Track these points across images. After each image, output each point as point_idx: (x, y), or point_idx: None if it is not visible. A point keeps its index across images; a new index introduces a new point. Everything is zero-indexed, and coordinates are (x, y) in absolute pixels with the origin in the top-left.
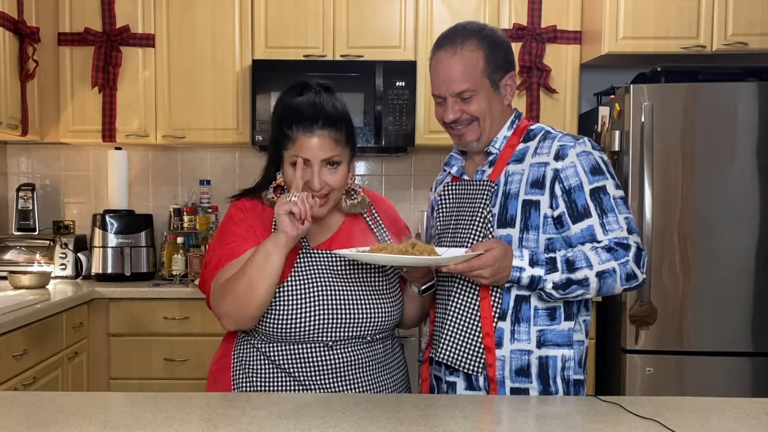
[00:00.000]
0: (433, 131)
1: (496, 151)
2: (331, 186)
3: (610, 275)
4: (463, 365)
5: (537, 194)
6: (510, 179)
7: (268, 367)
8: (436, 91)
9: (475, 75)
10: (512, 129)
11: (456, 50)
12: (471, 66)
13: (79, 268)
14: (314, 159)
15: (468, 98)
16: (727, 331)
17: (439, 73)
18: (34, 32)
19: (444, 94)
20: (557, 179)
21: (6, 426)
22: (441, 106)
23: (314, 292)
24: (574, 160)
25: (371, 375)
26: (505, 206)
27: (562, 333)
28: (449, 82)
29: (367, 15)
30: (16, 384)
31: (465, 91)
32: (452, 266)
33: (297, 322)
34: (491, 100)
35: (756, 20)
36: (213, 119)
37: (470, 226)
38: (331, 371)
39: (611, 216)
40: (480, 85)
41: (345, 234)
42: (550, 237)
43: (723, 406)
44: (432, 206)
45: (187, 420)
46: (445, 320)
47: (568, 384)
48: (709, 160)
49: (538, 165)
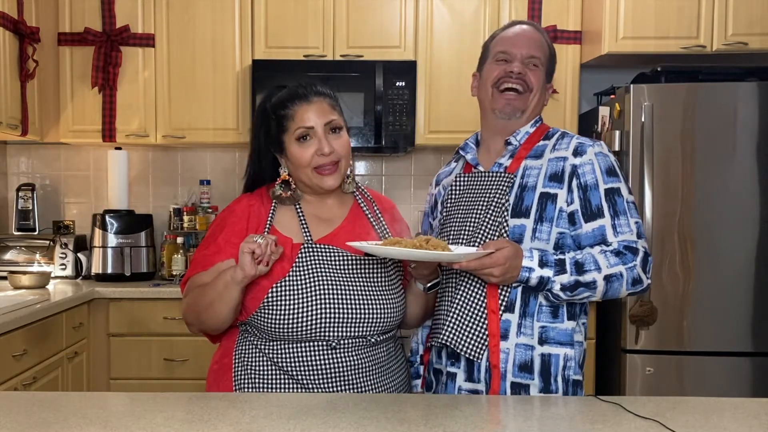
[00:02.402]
0: (433, 131)
1: (516, 143)
2: (338, 152)
3: (617, 279)
4: (465, 349)
5: (555, 188)
6: (527, 173)
7: (269, 368)
8: (506, 48)
9: (544, 55)
10: (535, 127)
11: (536, 30)
12: (544, 47)
13: (79, 268)
14: (317, 125)
15: (534, 67)
16: (727, 331)
17: (519, 38)
18: (34, 32)
19: (515, 53)
20: (575, 174)
21: (6, 426)
22: (501, 64)
23: (316, 288)
24: (592, 158)
25: (373, 378)
26: (520, 197)
27: (565, 332)
28: (525, 45)
29: (367, 15)
30: (16, 384)
31: (535, 58)
32: (464, 263)
33: (298, 319)
34: (542, 86)
35: (756, 20)
36: (213, 119)
37: (484, 216)
38: (332, 373)
39: (623, 219)
40: (543, 65)
41: (347, 229)
42: (562, 231)
43: (723, 406)
44: (435, 200)
45: (187, 420)
46: (450, 308)
47: (567, 384)
48: (709, 160)
49: (556, 159)
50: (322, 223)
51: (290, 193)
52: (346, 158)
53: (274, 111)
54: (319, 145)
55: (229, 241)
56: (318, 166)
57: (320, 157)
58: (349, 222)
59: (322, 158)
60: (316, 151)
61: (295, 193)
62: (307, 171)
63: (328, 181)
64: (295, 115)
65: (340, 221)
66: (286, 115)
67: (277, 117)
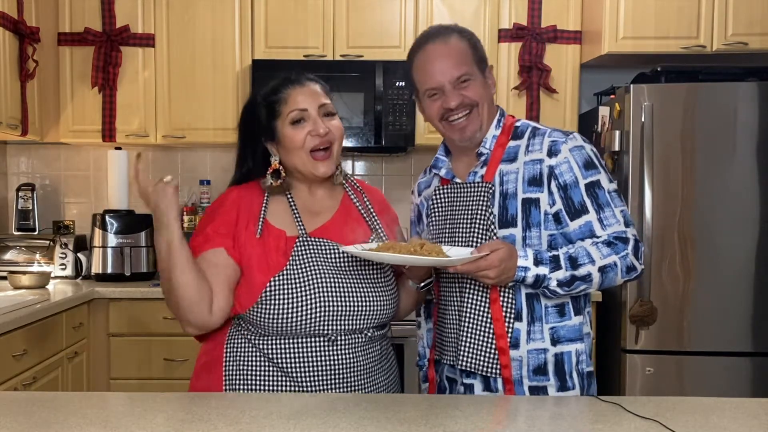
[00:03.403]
0: (433, 131)
1: (487, 151)
2: (333, 134)
3: (612, 269)
4: (480, 368)
5: (536, 192)
6: (505, 179)
7: (264, 365)
8: (432, 83)
9: (468, 61)
10: (500, 128)
11: (446, 41)
12: (463, 53)
13: (79, 268)
14: (311, 107)
15: (466, 83)
16: (727, 331)
17: (434, 64)
18: (34, 32)
19: (442, 83)
20: (552, 176)
21: (6, 426)
22: (436, 100)
23: (314, 281)
24: (567, 156)
25: (367, 376)
26: (504, 207)
27: (573, 328)
28: (446, 69)
29: (367, 15)
30: (16, 384)
31: (463, 75)
32: (460, 267)
33: (299, 313)
34: (484, 88)
35: (756, 20)
36: (213, 119)
37: (471, 228)
38: (329, 370)
39: (608, 210)
40: (474, 71)
41: (339, 221)
42: (552, 233)
43: (723, 406)
44: (418, 210)
45: (187, 420)
46: (460, 327)
47: (582, 377)
48: (709, 160)
49: (532, 162)
50: (314, 215)
51: (280, 182)
52: (339, 142)
53: (265, 98)
54: (314, 126)
55: (217, 232)
56: (313, 148)
57: (314, 137)
58: (341, 214)
59: (317, 139)
60: (311, 131)
61: (286, 182)
62: (302, 154)
63: (321, 168)
64: (288, 98)
65: (332, 213)
66: (278, 100)
67: (269, 104)
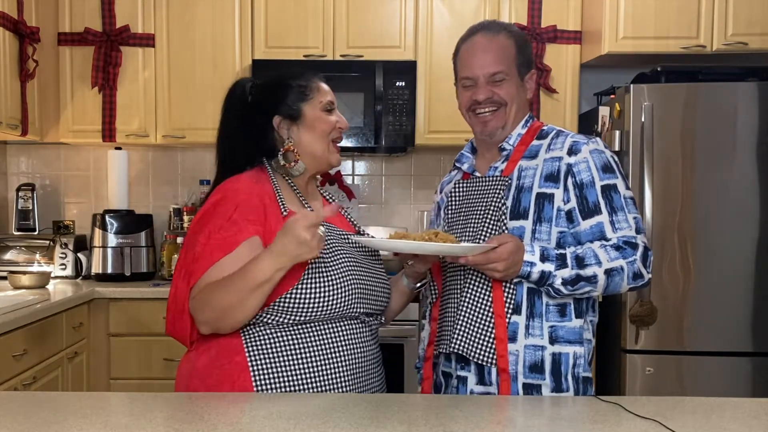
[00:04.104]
0: (433, 131)
1: (510, 147)
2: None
3: (618, 273)
4: (475, 355)
5: (551, 187)
6: (523, 174)
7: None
8: (468, 73)
9: (508, 60)
10: (526, 127)
11: (493, 36)
12: (506, 51)
13: (79, 268)
14: (335, 102)
15: (500, 81)
16: (727, 331)
17: (475, 55)
18: (34, 32)
19: (477, 75)
20: (570, 173)
21: (6, 426)
22: (469, 90)
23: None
24: (587, 156)
25: (377, 364)
26: (518, 199)
27: (573, 330)
28: (485, 63)
29: (367, 15)
30: (16, 384)
31: (499, 73)
32: (470, 258)
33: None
34: (518, 90)
35: (756, 20)
36: (213, 119)
37: (483, 219)
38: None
39: (621, 214)
40: (511, 72)
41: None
42: (562, 230)
43: (723, 406)
44: (438, 207)
45: (187, 420)
46: (457, 313)
47: (578, 381)
48: (709, 160)
49: (552, 160)
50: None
51: (293, 164)
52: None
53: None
54: (340, 119)
55: (246, 219)
56: (335, 138)
57: (338, 130)
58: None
59: (339, 131)
60: (338, 122)
61: (298, 164)
62: (326, 140)
63: (337, 157)
64: (319, 87)
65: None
66: (308, 86)
67: (299, 86)
